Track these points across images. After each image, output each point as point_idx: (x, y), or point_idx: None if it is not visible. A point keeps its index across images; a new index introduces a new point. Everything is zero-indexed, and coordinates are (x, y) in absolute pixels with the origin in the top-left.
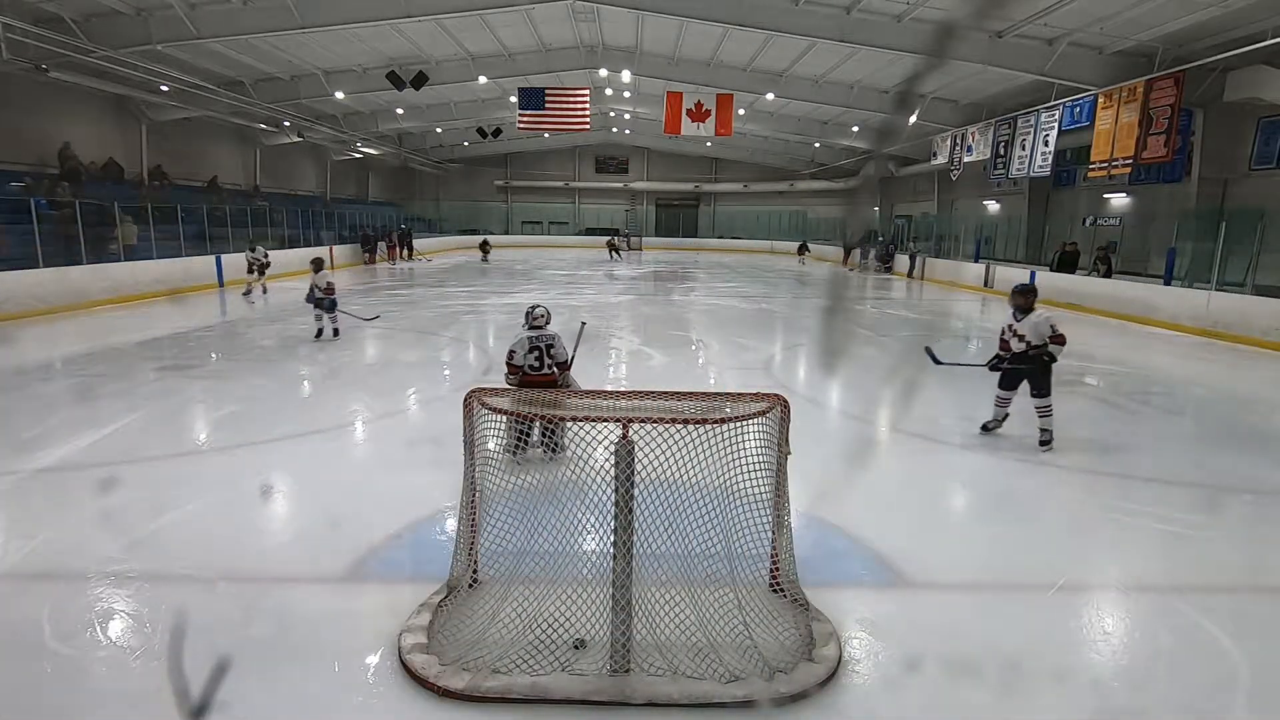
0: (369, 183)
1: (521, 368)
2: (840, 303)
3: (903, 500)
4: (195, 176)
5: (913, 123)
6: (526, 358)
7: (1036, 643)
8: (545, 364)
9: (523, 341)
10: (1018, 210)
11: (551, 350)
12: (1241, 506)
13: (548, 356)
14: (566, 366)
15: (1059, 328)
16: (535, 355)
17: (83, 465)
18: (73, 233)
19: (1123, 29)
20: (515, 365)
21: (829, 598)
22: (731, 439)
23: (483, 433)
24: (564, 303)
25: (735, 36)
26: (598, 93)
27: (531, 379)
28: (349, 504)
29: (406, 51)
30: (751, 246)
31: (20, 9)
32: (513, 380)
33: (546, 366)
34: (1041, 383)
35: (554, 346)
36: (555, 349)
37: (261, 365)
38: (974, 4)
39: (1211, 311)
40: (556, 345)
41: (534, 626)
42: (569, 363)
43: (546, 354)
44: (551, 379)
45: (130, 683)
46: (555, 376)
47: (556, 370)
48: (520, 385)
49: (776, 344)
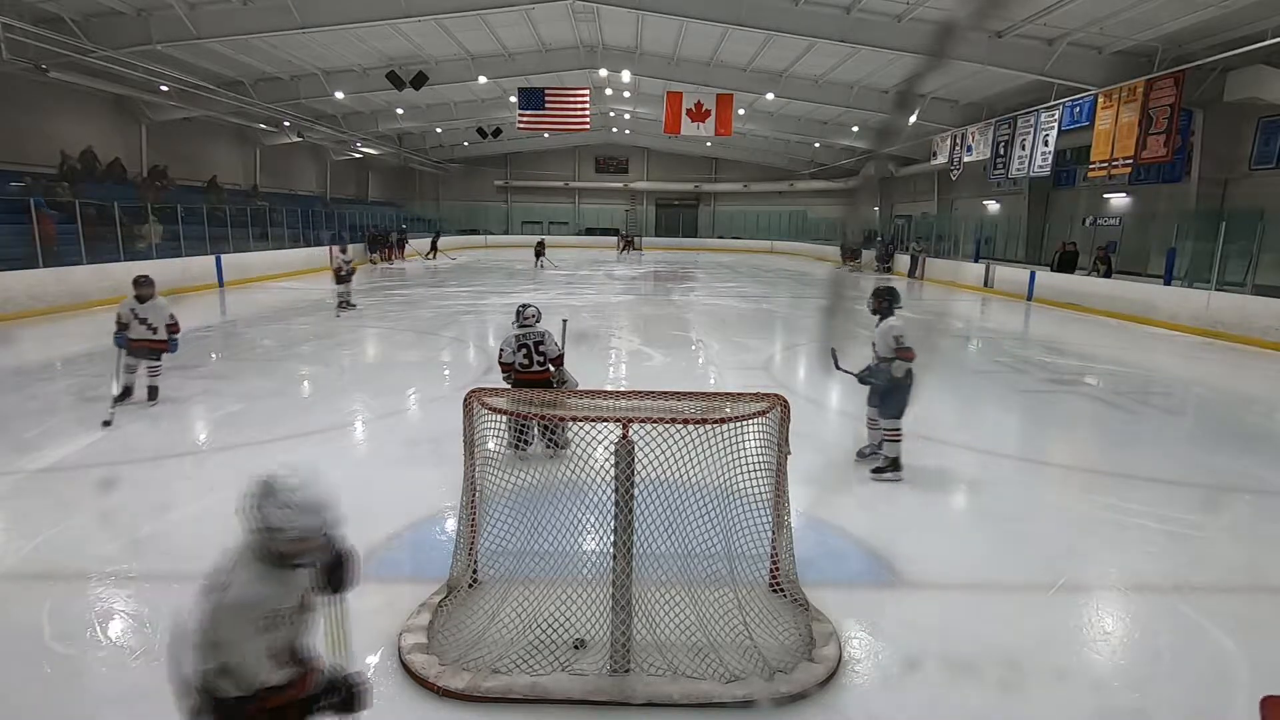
0: (369, 183)
1: (512, 365)
2: (840, 303)
3: (902, 500)
4: (195, 176)
5: (913, 123)
6: (515, 355)
7: (1036, 643)
8: (535, 360)
9: (510, 340)
10: (1017, 210)
11: (540, 346)
12: (1241, 506)
13: (536, 353)
14: (559, 362)
15: (905, 341)
16: (524, 353)
17: (83, 465)
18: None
19: (1122, 29)
20: (505, 363)
21: (829, 598)
22: (731, 439)
23: (483, 433)
24: (564, 303)
25: (735, 36)
26: (598, 93)
27: (523, 376)
28: (348, 504)
29: (406, 51)
30: (751, 246)
31: (20, 9)
32: (507, 379)
33: (536, 363)
34: (887, 401)
35: (543, 343)
36: (545, 345)
37: (261, 365)
38: (974, 4)
39: (1211, 311)
40: (546, 341)
41: (534, 626)
42: (560, 357)
43: (535, 350)
44: (545, 375)
45: (130, 683)
46: (549, 373)
47: (551, 367)
48: (514, 383)
49: (776, 344)
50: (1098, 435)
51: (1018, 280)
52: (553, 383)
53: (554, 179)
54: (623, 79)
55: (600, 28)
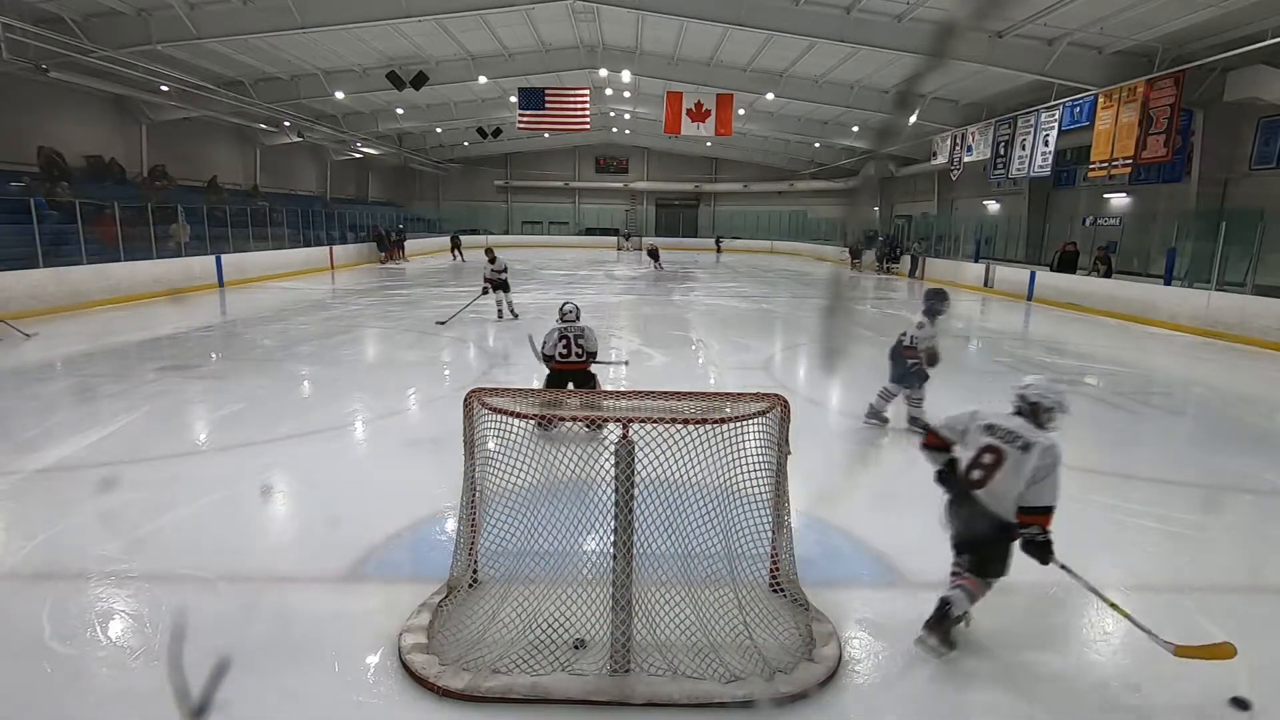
0: (369, 183)
1: (551, 356)
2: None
3: (903, 500)
4: (195, 176)
5: (913, 123)
6: (556, 346)
7: (1037, 643)
8: (574, 352)
9: (552, 333)
10: (1017, 210)
11: (580, 340)
12: (1241, 506)
13: (576, 345)
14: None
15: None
16: (564, 344)
17: (83, 465)
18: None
19: (1122, 29)
20: (546, 354)
21: (829, 598)
22: (731, 439)
23: (483, 433)
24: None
25: (735, 36)
26: (598, 93)
27: (562, 366)
28: (349, 504)
29: (406, 51)
30: (752, 246)
31: (20, 9)
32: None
33: (575, 354)
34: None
35: (583, 337)
36: (585, 339)
37: (261, 365)
38: (974, 4)
39: (1211, 311)
40: (586, 336)
41: (534, 626)
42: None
43: (575, 343)
44: (583, 366)
45: (130, 683)
46: (586, 364)
47: (588, 358)
48: (552, 373)
49: (776, 344)
50: (1098, 435)
51: (1018, 280)
52: (590, 374)
53: (554, 179)
54: (623, 79)
55: (600, 28)
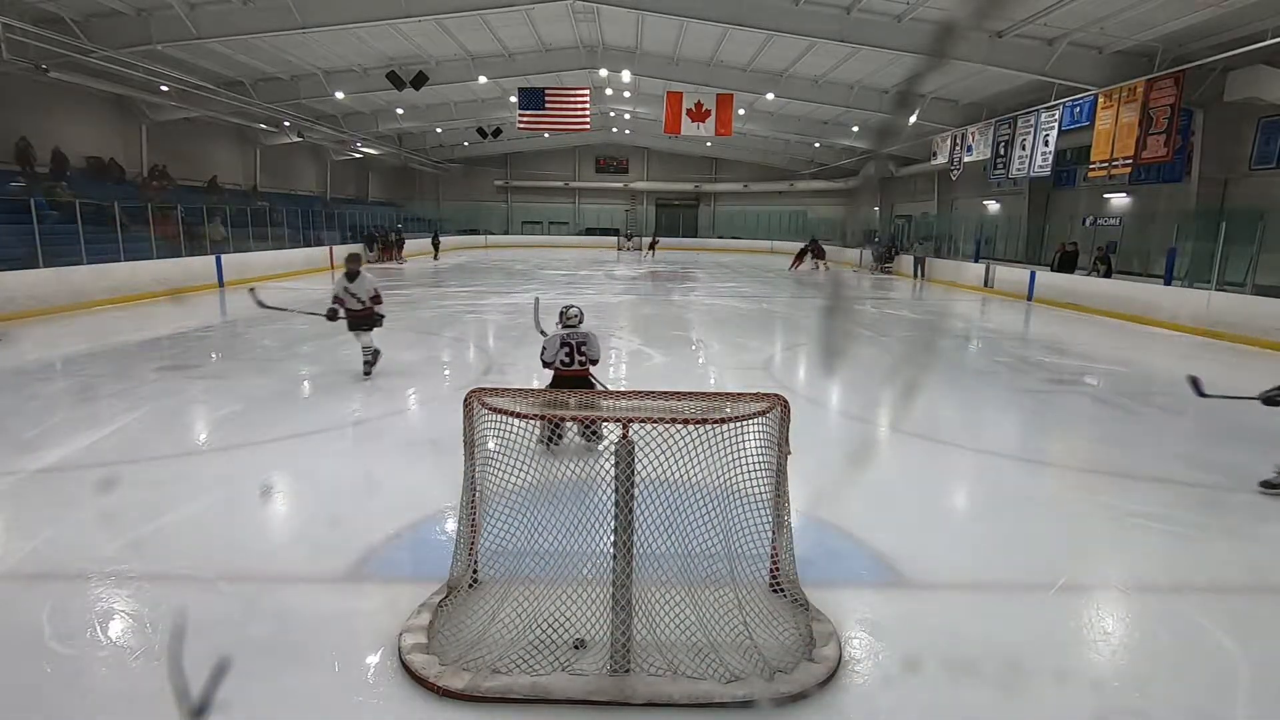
0: (369, 183)
1: (552, 363)
2: (840, 303)
3: (903, 500)
4: (195, 176)
5: (913, 123)
6: (558, 354)
7: (1036, 643)
8: (576, 360)
9: (554, 339)
10: (1018, 210)
11: (583, 347)
12: (1242, 506)
13: (578, 353)
14: (596, 363)
15: None
16: (566, 351)
17: (83, 465)
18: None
19: (1122, 29)
20: (546, 361)
21: (829, 598)
22: (731, 439)
23: (483, 433)
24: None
25: (735, 37)
26: (598, 93)
27: (564, 374)
28: (349, 504)
29: (406, 51)
30: (752, 246)
31: (20, 9)
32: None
33: (578, 362)
34: None
35: (585, 344)
36: (587, 346)
37: (261, 365)
38: (974, 4)
39: (1211, 311)
40: (589, 343)
41: (534, 626)
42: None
43: (577, 350)
44: (583, 373)
45: (130, 683)
46: (587, 372)
47: (591, 367)
48: (554, 380)
49: (776, 344)
50: (1098, 435)
51: (1018, 280)
52: (591, 381)
53: (554, 179)
54: (623, 79)
55: (600, 28)
